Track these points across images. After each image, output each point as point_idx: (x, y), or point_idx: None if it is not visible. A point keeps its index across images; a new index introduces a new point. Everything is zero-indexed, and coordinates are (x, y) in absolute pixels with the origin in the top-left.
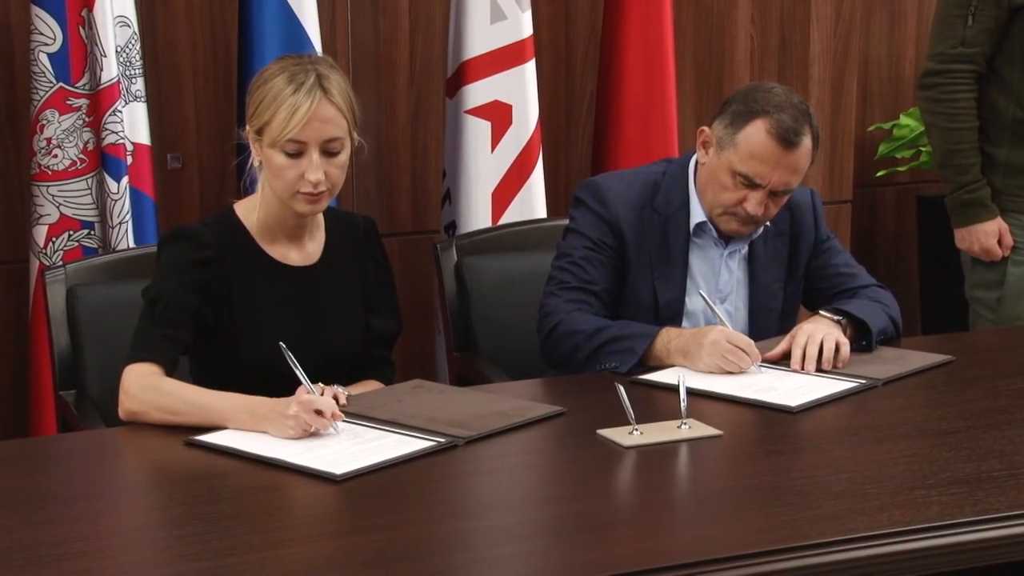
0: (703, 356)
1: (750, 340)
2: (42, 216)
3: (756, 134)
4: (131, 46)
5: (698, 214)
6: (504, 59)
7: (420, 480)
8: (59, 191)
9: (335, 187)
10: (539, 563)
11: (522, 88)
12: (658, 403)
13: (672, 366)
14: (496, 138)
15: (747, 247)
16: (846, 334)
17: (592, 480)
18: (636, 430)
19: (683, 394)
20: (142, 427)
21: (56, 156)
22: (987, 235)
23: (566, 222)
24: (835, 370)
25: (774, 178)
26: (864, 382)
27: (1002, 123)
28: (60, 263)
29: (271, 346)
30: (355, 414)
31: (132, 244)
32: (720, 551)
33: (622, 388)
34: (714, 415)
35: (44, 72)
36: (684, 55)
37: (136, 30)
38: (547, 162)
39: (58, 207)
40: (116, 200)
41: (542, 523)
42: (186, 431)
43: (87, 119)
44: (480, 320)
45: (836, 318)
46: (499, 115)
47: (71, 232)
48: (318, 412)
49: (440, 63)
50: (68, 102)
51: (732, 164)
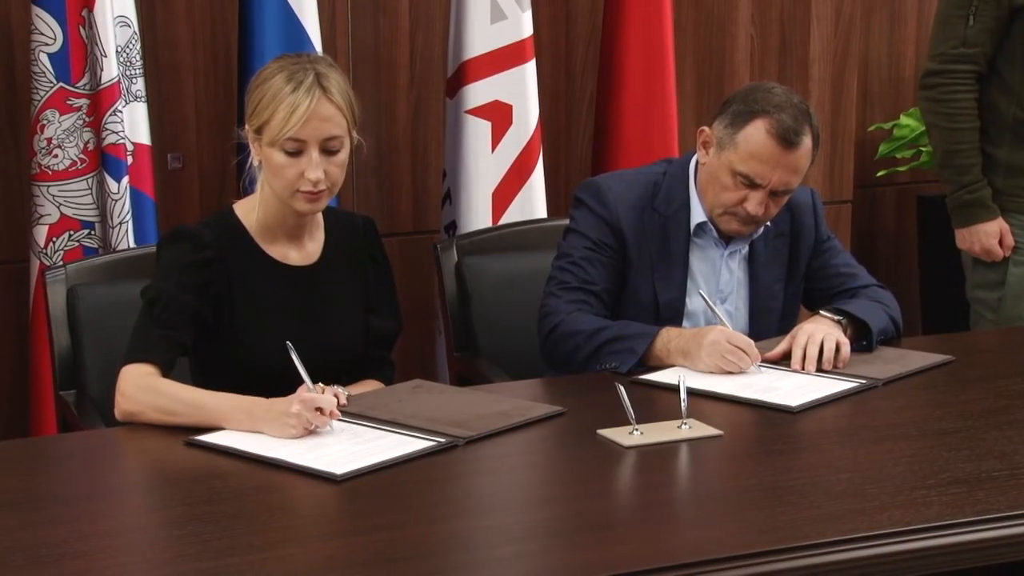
0: (703, 356)
1: (750, 340)
2: (42, 216)
3: (756, 134)
4: (131, 46)
5: (698, 214)
6: (504, 59)
7: (420, 480)
8: (59, 191)
9: (335, 186)
10: (539, 563)
11: (522, 88)
12: (658, 403)
13: (672, 366)
14: (496, 138)
15: (747, 247)
16: (846, 334)
17: (592, 480)
18: (636, 430)
19: (683, 394)
20: (142, 427)
21: (56, 156)
22: (988, 235)
23: (566, 222)
24: (835, 370)
25: (774, 178)
26: (864, 382)
27: (1003, 123)
28: (60, 263)
29: (271, 346)
30: (355, 414)
31: (132, 244)
32: (720, 551)
33: (622, 388)
34: (714, 415)
35: (44, 72)
36: (684, 55)
37: (136, 30)
38: (547, 162)
39: (58, 207)
40: (116, 200)
41: (542, 523)
42: (185, 431)
43: (87, 119)
44: (480, 320)
45: (836, 318)
46: (499, 115)
47: (71, 232)
48: (319, 410)
49: (440, 63)
50: (68, 102)
51: (732, 164)
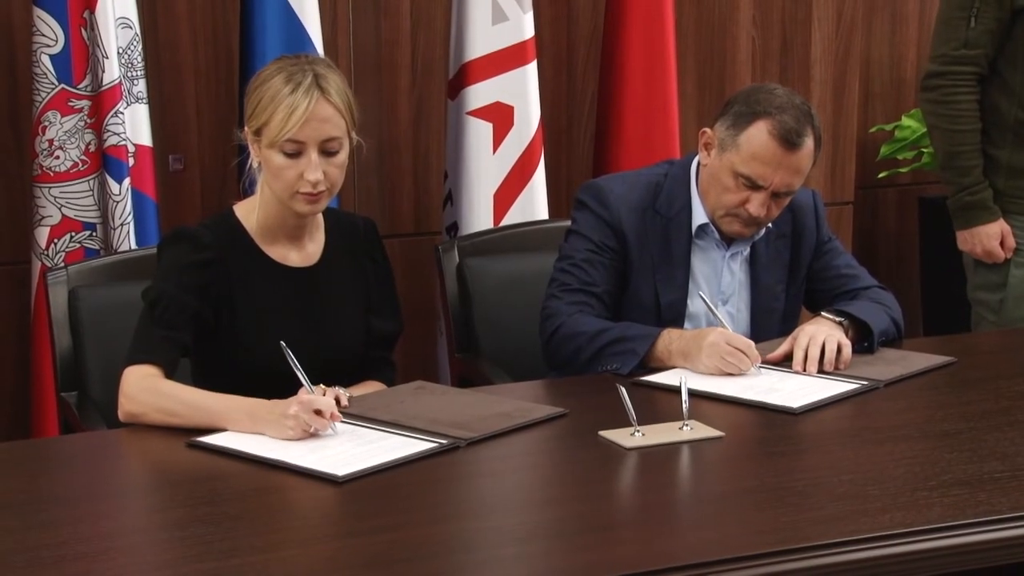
0: (702, 358)
1: (749, 341)
2: (44, 217)
3: (758, 135)
4: (133, 47)
5: (700, 216)
6: (506, 60)
7: (422, 481)
8: (61, 192)
9: (334, 187)
10: (541, 564)
11: (524, 89)
12: (660, 404)
13: (674, 367)
14: (498, 139)
15: (749, 249)
16: (848, 335)
17: (594, 481)
18: (638, 431)
19: (685, 395)
20: (144, 429)
21: (58, 157)
22: (989, 237)
23: (568, 224)
24: (837, 371)
25: (776, 179)
26: (866, 383)
27: (1004, 125)
28: (62, 264)
29: (272, 347)
30: (357, 415)
31: (134, 245)
32: (722, 552)
33: (624, 389)
34: (716, 416)
35: (46, 73)
36: (685, 56)
37: (138, 31)
38: (549, 163)
39: (60, 208)
40: (118, 201)
41: (544, 524)
42: (187, 433)
43: (89, 120)
44: (482, 321)
45: (838, 319)
46: (501, 116)
47: (73, 233)
48: (318, 412)
49: (442, 64)
50: (70, 103)
51: (734, 165)
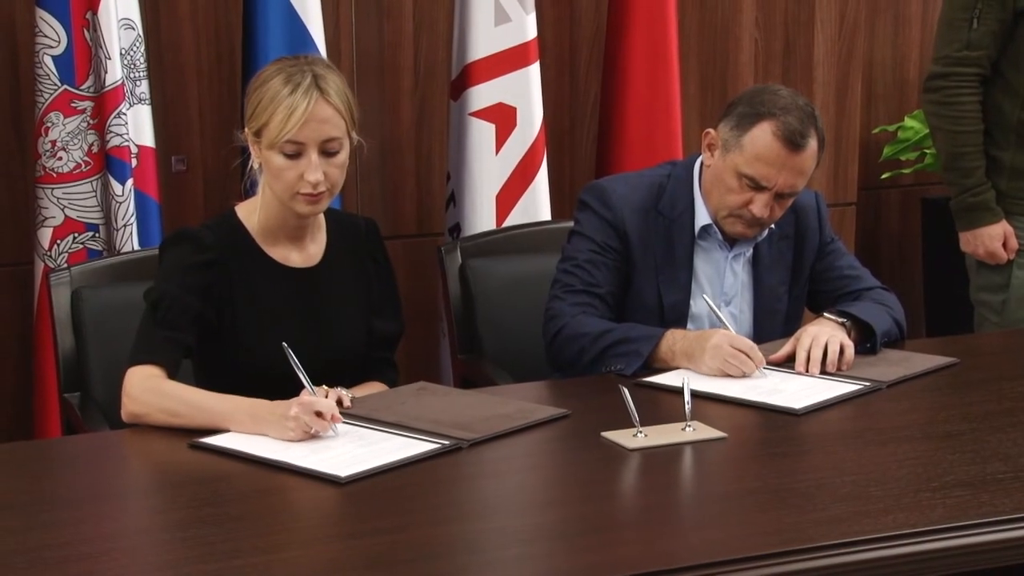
0: (706, 359)
1: (752, 343)
2: (47, 218)
3: (762, 136)
4: (135, 48)
5: (703, 217)
6: (508, 61)
7: (424, 482)
8: (64, 193)
9: (335, 187)
10: (543, 565)
11: (526, 90)
12: (662, 405)
13: (677, 368)
14: (500, 140)
15: (752, 250)
16: (850, 336)
17: (596, 482)
18: (640, 432)
19: (687, 396)
20: (146, 429)
21: (61, 158)
22: (992, 238)
23: (571, 225)
24: (839, 372)
25: (780, 180)
26: (868, 384)
27: (1007, 126)
28: (65, 265)
29: (274, 348)
30: (359, 416)
31: (137, 246)
32: (724, 553)
33: (626, 390)
34: (718, 417)
35: (49, 74)
36: (688, 57)
37: (140, 32)
38: (551, 164)
39: (63, 209)
40: (121, 202)
41: (546, 525)
42: (190, 434)
43: (92, 121)
44: (484, 322)
45: (840, 320)
46: (503, 117)
47: (76, 234)
48: (318, 414)
49: (444, 65)
50: (73, 104)
51: (738, 166)
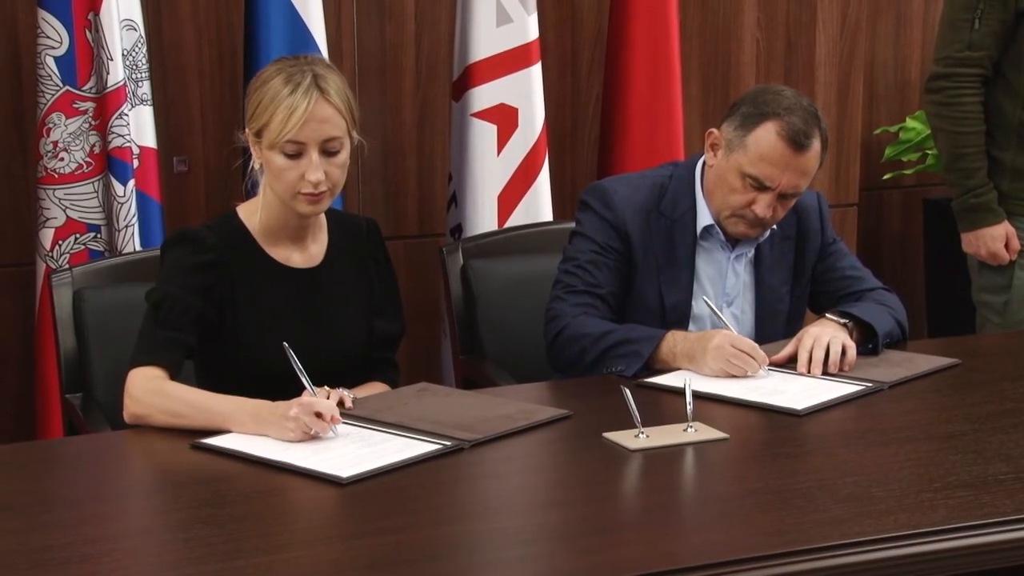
0: (707, 360)
1: (755, 344)
2: (48, 219)
3: (766, 136)
4: (137, 49)
5: (705, 217)
6: (510, 62)
7: (426, 483)
8: (65, 194)
9: (336, 187)
10: (545, 566)
11: (528, 91)
12: (664, 406)
13: (678, 369)
14: (502, 141)
15: (754, 250)
16: (852, 337)
17: (598, 483)
18: (642, 433)
19: (689, 397)
20: (148, 430)
21: (62, 159)
22: (994, 239)
23: (572, 225)
24: (841, 373)
25: (783, 180)
26: (870, 385)
27: (1009, 127)
28: (66, 266)
29: (275, 348)
30: (361, 417)
31: (138, 247)
32: (726, 554)
33: (628, 391)
34: (720, 418)
35: (51, 75)
36: (690, 58)
37: (142, 33)
38: (553, 165)
39: (64, 210)
40: (122, 203)
41: (548, 526)
42: (192, 434)
43: (93, 122)
44: (486, 323)
45: (842, 321)
46: (505, 118)
47: (77, 235)
48: (318, 415)
49: (446, 66)
50: (74, 105)
51: (741, 166)
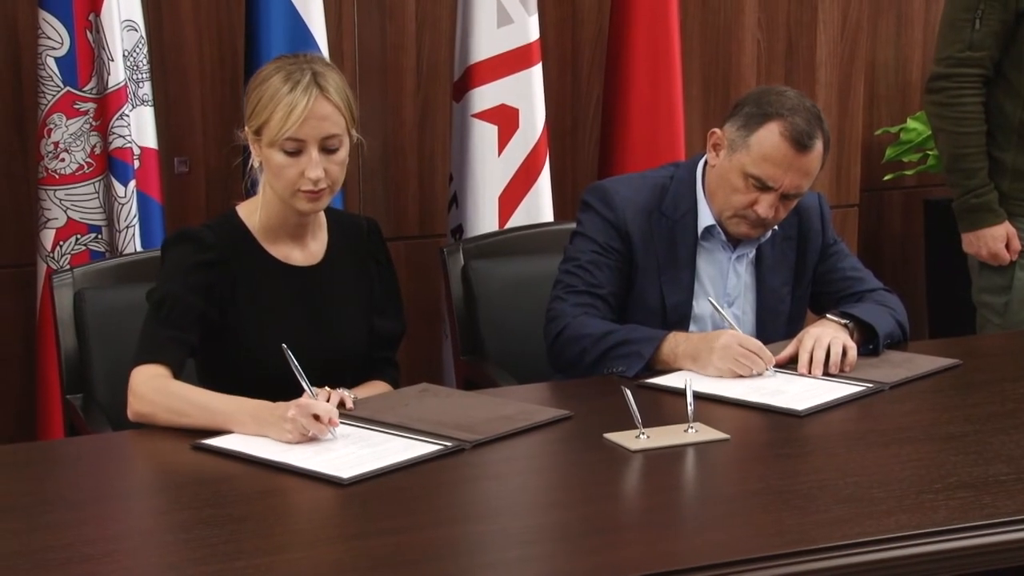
0: (714, 360)
1: (761, 343)
2: (49, 220)
3: (769, 137)
4: (138, 50)
5: (706, 218)
6: (511, 63)
7: (426, 484)
8: (66, 195)
9: (335, 184)
10: (546, 567)
11: (529, 92)
12: (665, 407)
13: (679, 370)
14: (503, 142)
15: (755, 251)
16: (853, 338)
17: (599, 484)
18: (643, 434)
19: (690, 398)
20: (149, 431)
21: (63, 160)
22: (994, 239)
23: (573, 226)
24: (842, 374)
25: (786, 181)
26: (871, 386)
27: (1009, 127)
28: (67, 267)
29: (276, 347)
30: (362, 418)
31: (139, 248)
32: (727, 555)
33: (629, 392)
34: (721, 419)
35: (51, 76)
36: (691, 59)
37: (143, 34)
38: (554, 166)
39: (65, 211)
40: (123, 204)
41: (549, 527)
42: (192, 435)
43: (94, 123)
44: (487, 324)
45: (843, 322)
46: (506, 119)
47: (78, 236)
48: (316, 417)
49: (447, 67)
50: (75, 106)
51: (744, 166)
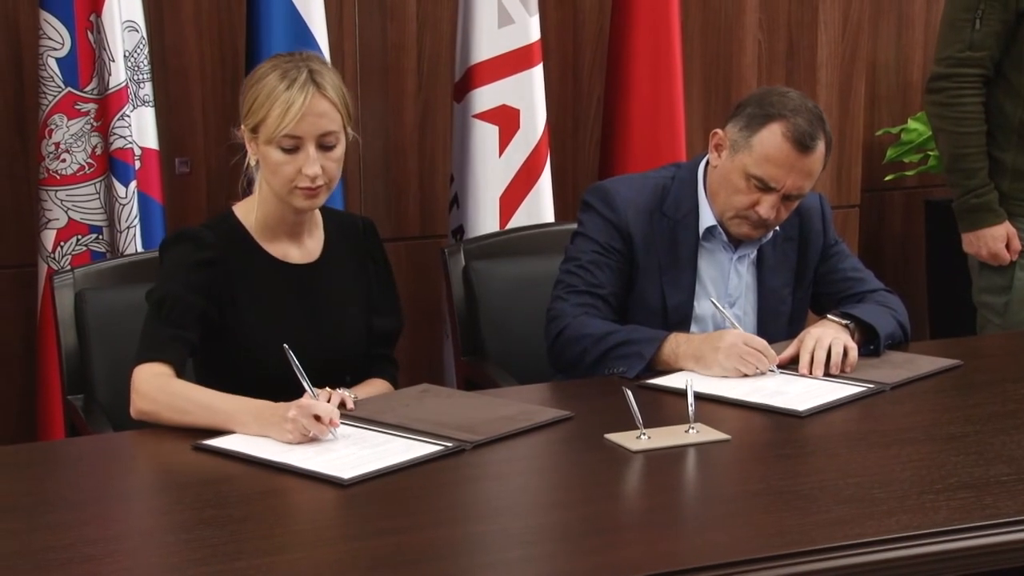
0: (720, 359)
1: (765, 342)
2: (50, 220)
3: (772, 137)
4: (139, 51)
5: (707, 218)
6: (512, 63)
7: (427, 484)
8: (67, 196)
9: (332, 181)
10: (546, 567)
11: (530, 92)
12: (666, 407)
13: (681, 370)
14: (504, 142)
15: (756, 252)
16: (854, 338)
17: (600, 484)
18: (644, 434)
19: (691, 398)
20: (150, 431)
21: (64, 161)
22: (995, 239)
23: (574, 226)
24: (843, 374)
25: (788, 182)
26: (872, 386)
27: (1009, 127)
28: (68, 267)
29: (275, 345)
30: (362, 418)
31: (140, 248)
32: (728, 555)
33: (630, 392)
34: (722, 419)
35: (53, 77)
36: (692, 59)
37: (144, 35)
38: (555, 166)
39: (66, 211)
40: (124, 204)
41: (549, 527)
42: (193, 436)
43: (95, 124)
44: (487, 324)
45: (844, 322)
46: (507, 119)
47: (79, 236)
48: (317, 417)
49: (448, 67)
50: (76, 107)
51: (746, 167)
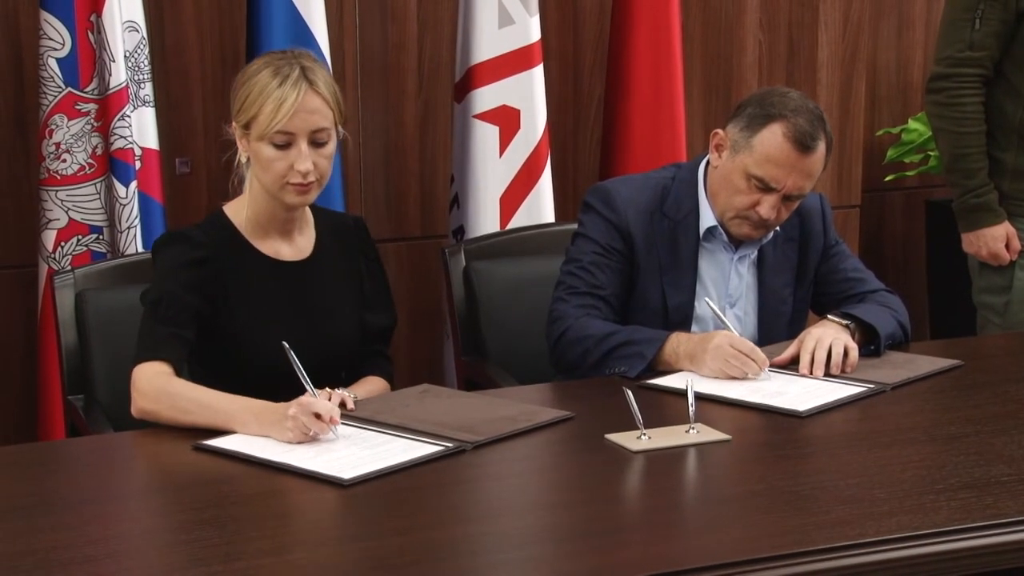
0: (707, 360)
1: (754, 345)
2: (51, 221)
3: (772, 138)
4: (139, 51)
5: (708, 219)
6: (512, 64)
7: (428, 485)
8: (68, 196)
9: (323, 177)
10: (547, 568)
11: (530, 92)
12: (666, 408)
13: (681, 371)
14: (504, 143)
15: (756, 252)
16: (855, 338)
17: (600, 485)
18: (644, 435)
19: (691, 399)
20: (150, 431)
21: (65, 161)
22: (995, 239)
23: (574, 227)
24: (844, 375)
25: (789, 182)
26: (873, 387)
27: (1009, 127)
28: (69, 268)
29: (270, 343)
30: (363, 419)
31: (140, 249)
32: (728, 556)
33: (630, 393)
34: (722, 420)
35: (53, 77)
36: (692, 60)
37: (144, 35)
38: (555, 167)
39: (67, 212)
40: (125, 205)
41: (550, 528)
42: (194, 436)
43: (96, 124)
44: (488, 325)
45: (844, 322)
46: (507, 120)
47: (80, 237)
48: (317, 416)
49: (448, 68)
50: (77, 107)
51: (747, 167)
